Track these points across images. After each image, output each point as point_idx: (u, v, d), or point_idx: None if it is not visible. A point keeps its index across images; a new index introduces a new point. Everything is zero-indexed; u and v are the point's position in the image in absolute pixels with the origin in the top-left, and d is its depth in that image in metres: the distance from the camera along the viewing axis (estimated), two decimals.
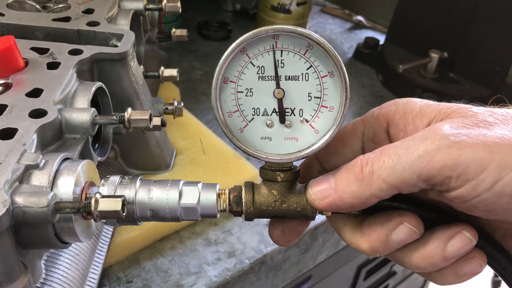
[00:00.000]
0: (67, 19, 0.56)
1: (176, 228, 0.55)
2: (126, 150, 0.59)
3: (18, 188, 0.34)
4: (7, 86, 0.44)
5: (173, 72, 0.61)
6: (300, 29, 0.33)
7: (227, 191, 0.38)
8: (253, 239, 0.56)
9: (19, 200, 0.33)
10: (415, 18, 0.96)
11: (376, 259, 0.96)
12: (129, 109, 0.44)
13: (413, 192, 0.32)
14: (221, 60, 0.35)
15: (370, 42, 1.04)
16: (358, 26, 1.19)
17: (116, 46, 0.53)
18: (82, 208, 0.34)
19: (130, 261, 0.52)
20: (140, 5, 0.63)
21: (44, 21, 0.55)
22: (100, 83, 0.47)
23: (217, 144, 0.66)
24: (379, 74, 0.99)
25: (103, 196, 0.34)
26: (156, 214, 0.37)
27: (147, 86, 0.57)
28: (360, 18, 1.19)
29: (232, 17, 1.16)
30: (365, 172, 0.32)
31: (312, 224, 0.60)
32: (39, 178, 0.36)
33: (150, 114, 0.44)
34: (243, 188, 0.38)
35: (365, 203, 0.33)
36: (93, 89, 0.46)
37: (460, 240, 0.33)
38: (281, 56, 0.35)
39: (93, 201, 0.34)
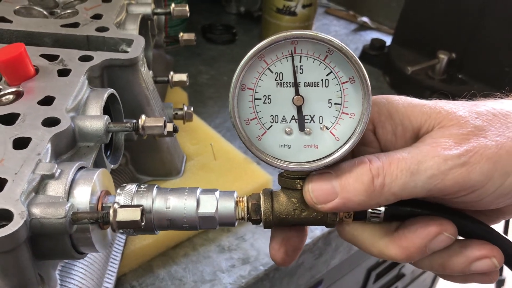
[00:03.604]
0: (75, 25, 0.55)
1: (189, 235, 0.55)
2: (137, 157, 0.59)
3: (35, 199, 0.34)
4: (19, 94, 0.44)
5: (182, 77, 0.61)
6: (320, 35, 0.33)
7: (245, 199, 0.37)
8: (267, 245, 0.55)
9: (36, 211, 0.33)
10: (422, 19, 0.95)
11: (386, 262, 0.95)
12: (143, 116, 0.43)
13: None
14: (239, 67, 0.34)
15: (376, 44, 1.03)
16: (363, 27, 1.18)
17: (126, 51, 0.52)
18: (100, 218, 0.33)
19: (143, 269, 0.51)
20: (148, 10, 0.62)
21: (52, 27, 0.54)
22: (112, 89, 0.47)
23: (228, 149, 0.66)
24: (387, 76, 0.99)
25: (121, 206, 0.34)
26: (173, 224, 0.37)
27: (157, 92, 0.57)
28: (365, 19, 1.18)
29: (236, 20, 1.15)
30: (376, 184, 0.33)
31: (326, 229, 0.59)
32: (55, 188, 0.35)
33: (165, 121, 0.43)
34: (261, 196, 0.37)
35: (368, 208, 0.35)
36: (105, 96, 0.45)
37: (486, 264, 0.35)
38: (300, 62, 0.34)
39: (111, 211, 0.33)
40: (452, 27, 0.92)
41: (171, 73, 0.61)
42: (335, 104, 0.34)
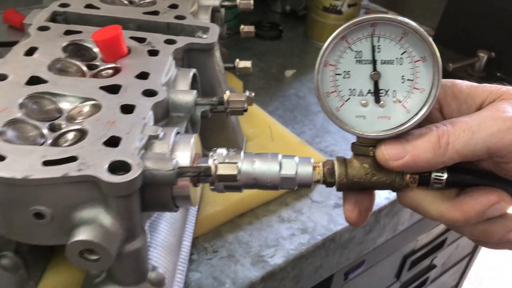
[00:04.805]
0: (156, 13, 0.61)
1: (252, 206, 0.60)
2: (205, 134, 0.64)
3: (146, 154, 0.39)
4: (116, 70, 0.50)
5: (247, 63, 0.66)
6: (399, 18, 0.38)
7: (320, 164, 0.42)
8: (323, 218, 0.60)
9: (149, 164, 0.38)
10: (463, 19, 1.00)
11: (421, 250, 0.99)
12: (228, 92, 0.49)
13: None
14: (324, 46, 0.39)
15: None
16: None
17: (201, 38, 0.58)
18: (202, 172, 0.39)
19: (214, 233, 0.56)
20: (216, 2, 0.68)
21: (136, 14, 0.60)
22: (195, 69, 0.52)
23: (283, 132, 0.71)
24: None
25: (220, 163, 0.39)
26: (258, 183, 0.42)
27: (226, 76, 0.62)
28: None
29: (280, 18, 1.20)
30: (442, 143, 0.38)
31: (376, 207, 0.64)
32: (161, 147, 0.41)
33: (246, 96, 0.49)
34: (335, 162, 0.42)
35: (433, 168, 0.39)
36: (191, 74, 0.51)
37: None
38: (378, 42, 0.39)
39: (213, 166, 0.39)
40: (492, 27, 0.95)
41: (237, 60, 0.67)
42: (407, 80, 0.39)
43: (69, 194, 0.37)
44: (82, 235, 0.37)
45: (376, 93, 0.40)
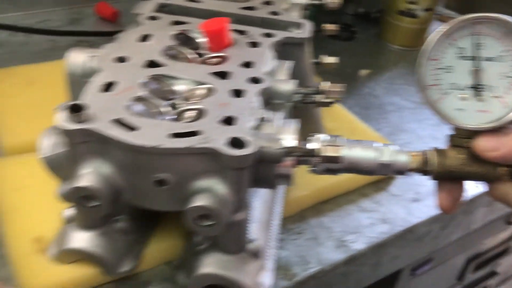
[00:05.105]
0: (251, 8, 0.65)
1: (334, 194, 0.63)
2: None
3: (257, 134, 0.43)
4: (222, 58, 0.54)
5: (333, 59, 0.69)
6: (502, 17, 0.40)
7: (415, 153, 0.45)
8: (401, 211, 0.63)
9: (261, 142, 0.42)
10: None
11: (486, 254, 0.99)
12: (323, 82, 0.52)
13: None
14: (428, 41, 0.42)
15: None
16: None
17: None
18: (309, 152, 0.42)
19: (298, 216, 0.60)
20: (305, 0, 0.71)
21: (233, 9, 0.64)
22: (292, 61, 0.56)
23: (363, 128, 0.74)
24: None
25: (326, 145, 0.43)
26: (357, 167, 0.45)
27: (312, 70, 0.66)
28: None
29: (353, 20, 1.23)
30: None
31: None
32: (269, 129, 0.44)
33: (342, 87, 0.52)
34: (433, 152, 0.45)
35: None
36: (290, 65, 0.54)
37: None
38: (480, 40, 0.42)
39: (321, 147, 0.42)
40: None
41: (323, 56, 0.70)
42: (507, 77, 0.42)
43: (190, 164, 0.41)
44: (201, 201, 0.41)
45: (476, 88, 0.42)
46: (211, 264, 0.46)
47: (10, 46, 0.90)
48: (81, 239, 0.47)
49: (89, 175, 0.42)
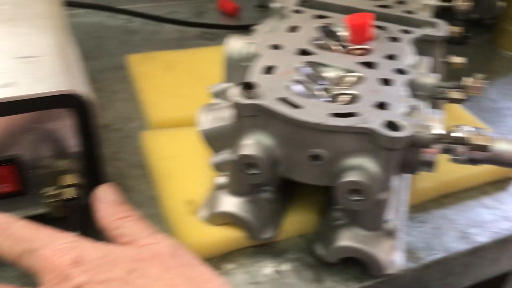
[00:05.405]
0: (386, 6, 0.68)
1: (456, 189, 0.65)
2: None
3: (409, 120, 0.47)
4: (365, 50, 0.58)
5: (460, 59, 0.71)
6: None
7: None
8: None
9: (413, 128, 0.45)
10: None
11: None
12: (465, 78, 0.55)
13: None
14: None
15: None
16: None
17: None
18: (459, 140, 0.45)
19: (420, 207, 0.62)
20: (433, 1, 0.74)
21: (369, 6, 0.68)
22: (430, 57, 0.59)
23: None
24: None
25: (477, 134, 0.45)
26: (499, 158, 0.47)
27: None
28: None
29: (463, 25, 1.22)
30: None
31: None
32: (419, 116, 0.48)
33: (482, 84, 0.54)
34: None
35: None
36: (429, 60, 0.57)
37: None
38: None
39: (471, 136, 0.45)
40: None
41: (448, 55, 0.72)
42: None
43: (347, 142, 0.45)
44: (354, 176, 0.45)
45: None
46: (349, 238, 0.50)
47: (143, 34, 0.98)
48: (232, 204, 0.52)
49: (252, 146, 0.47)
